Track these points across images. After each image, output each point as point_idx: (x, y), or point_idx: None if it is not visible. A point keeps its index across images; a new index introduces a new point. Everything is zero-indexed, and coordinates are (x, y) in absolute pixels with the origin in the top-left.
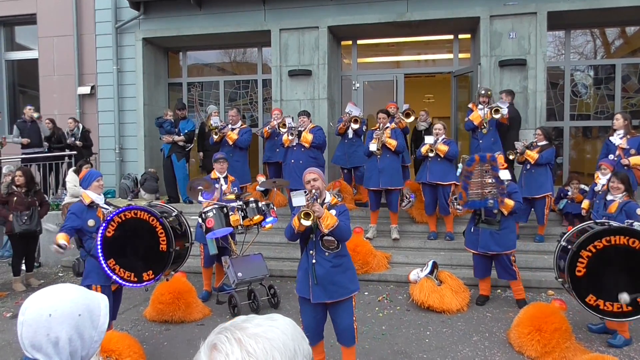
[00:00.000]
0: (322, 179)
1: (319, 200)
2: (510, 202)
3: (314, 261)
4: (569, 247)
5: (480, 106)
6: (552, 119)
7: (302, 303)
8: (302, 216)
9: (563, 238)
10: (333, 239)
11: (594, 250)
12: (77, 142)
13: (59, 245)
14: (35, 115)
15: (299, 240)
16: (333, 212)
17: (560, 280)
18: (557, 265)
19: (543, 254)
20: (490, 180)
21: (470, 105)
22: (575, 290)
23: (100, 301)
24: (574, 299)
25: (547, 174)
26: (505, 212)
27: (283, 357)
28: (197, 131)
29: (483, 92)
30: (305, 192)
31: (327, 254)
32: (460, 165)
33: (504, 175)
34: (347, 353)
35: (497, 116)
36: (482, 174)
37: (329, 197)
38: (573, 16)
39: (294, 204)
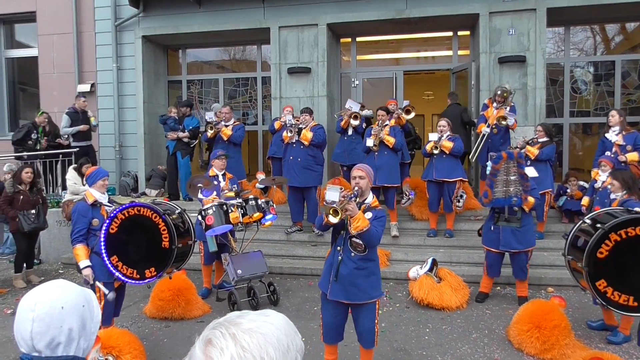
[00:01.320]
0: (370, 179)
1: (358, 199)
2: (532, 199)
3: (340, 258)
4: (597, 226)
5: (494, 104)
6: (552, 115)
7: (323, 298)
8: (331, 212)
9: (588, 216)
10: (360, 241)
11: (624, 236)
12: (44, 140)
13: (88, 276)
14: (94, 123)
15: (331, 231)
16: (369, 214)
17: (569, 257)
18: (572, 241)
19: (542, 251)
20: (513, 178)
21: (486, 101)
22: (589, 269)
23: (92, 294)
24: (583, 277)
25: (547, 170)
26: (527, 209)
27: (277, 351)
28: (201, 128)
29: (499, 92)
30: (341, 189)
31: (353, 254)
32: (489, 163)
33: (531, 172)
34: (364, 353)
35: (503, 123)
36: (508, 171)
37: (370, 198)
38: (572, 12)
39: (327, 198)
